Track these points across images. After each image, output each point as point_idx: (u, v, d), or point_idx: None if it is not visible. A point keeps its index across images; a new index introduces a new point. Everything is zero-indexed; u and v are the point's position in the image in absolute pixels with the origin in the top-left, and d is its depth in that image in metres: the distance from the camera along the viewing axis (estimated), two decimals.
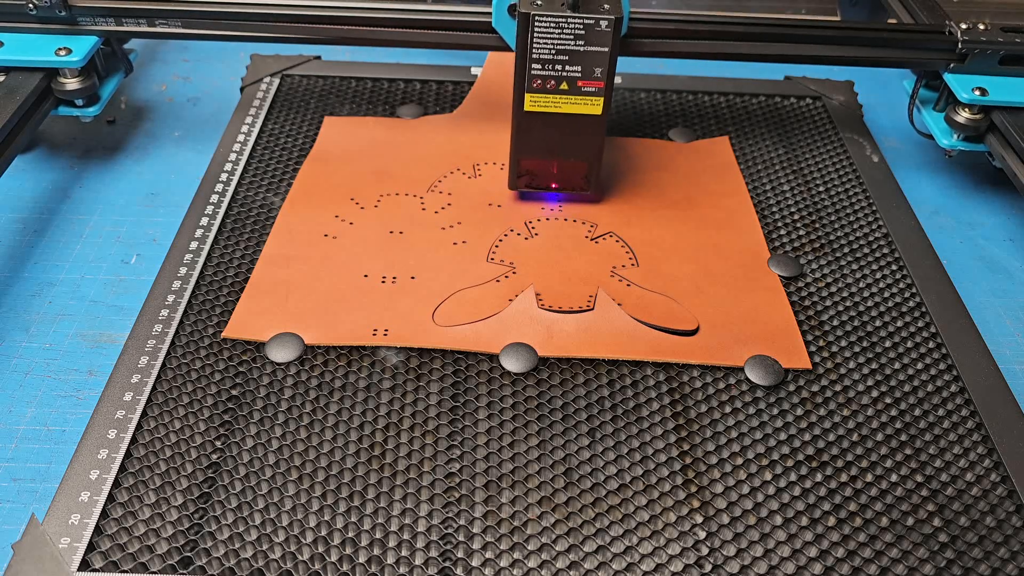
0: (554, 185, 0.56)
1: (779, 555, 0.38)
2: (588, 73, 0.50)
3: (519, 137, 0.53)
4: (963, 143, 0.61)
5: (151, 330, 0.47)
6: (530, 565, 0.38)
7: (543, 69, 0.50)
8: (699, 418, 0.44)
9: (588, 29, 0.49)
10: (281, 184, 0.58)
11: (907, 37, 0.60)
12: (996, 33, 0.59)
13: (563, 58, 0.50)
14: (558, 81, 0.50)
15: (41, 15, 0.58)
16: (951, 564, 0.38)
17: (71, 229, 0.58)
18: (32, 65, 0.58)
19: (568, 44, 0.49)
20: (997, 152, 0.58)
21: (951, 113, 0.60)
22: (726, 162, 0.63)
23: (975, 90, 0.58)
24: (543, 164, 0.55)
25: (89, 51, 0.58)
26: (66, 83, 0.59)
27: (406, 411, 0.44)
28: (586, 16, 0.48)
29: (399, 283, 0.51)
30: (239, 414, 0.43)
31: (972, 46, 0.59)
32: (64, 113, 0.61)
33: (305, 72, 0.69)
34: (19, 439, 0.44)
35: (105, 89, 0.62)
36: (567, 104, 0.52)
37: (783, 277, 0.53)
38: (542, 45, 0.49)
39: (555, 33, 0.49)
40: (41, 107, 0.58)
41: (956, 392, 0.46)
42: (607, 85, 0.51)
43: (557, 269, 0.52)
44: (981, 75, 0.60)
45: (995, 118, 0.59)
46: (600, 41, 0.49)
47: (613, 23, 0.49)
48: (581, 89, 0.51)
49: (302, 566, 0.37)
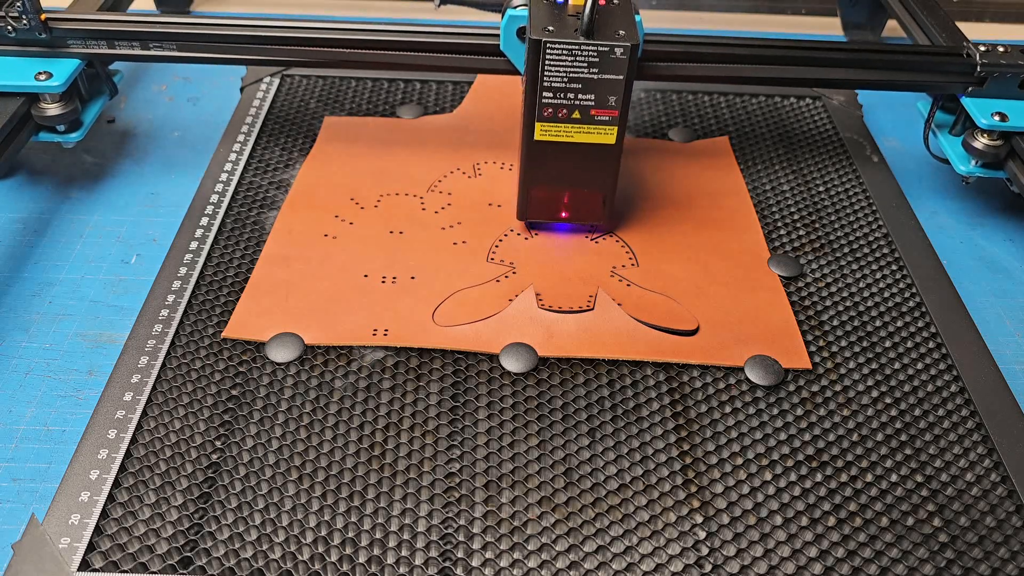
0: (564, 215, 0.54)
1: (779, 555, 0.38)
2: (602, 102, 0.48)
3: (529, 167, 0.51)
4: (981, 169, 0.58)
5: (151, 330, 0.47)
6: (530, 565, 0.38)
7: (555, 98, 0.48)
8: (699, 418, 0.44)
9: (603, 57, 0.46)
10: (281, 185, 0.58)
11: (924, 60, 0.58)
12: (1016, 56, 0.57)
13: (576, 86, 0.47)
14: (570, 110, 0.48)
15: (20, 37, 0.55)
16: (951, 564, 0.38)
17: (71, 229, 0.58)
18: (10, 90, 0.55)
19: (581, 72, 0.47)
20: (1017, 179, 0.56)
21: (969, 139, 0.58)
22: (726, 162, 0.63)
23: (994, 115, 0.56)
24: (554, 194, 0.52)
25: (71, 75, 0.55)
26: (47, 108, 0.55)
27: (406, 411, 0.44)
28: (600, 43, 0.46)
29: (399, 283, 0.51)
30: (239, 414, 0.43)
31: (991, 69, 0.57)
32: (45, 139, 0.57)
33: (305, 72, 0.69)
34: (19, 439, 0.44)
35: (88, 114, 0.59)
36: (579, 133, 0.49)
37: (783, 277, 0.53)
38: (554, 73, 0.47)
39: (568, 61, 0.46)
40: (20, 134, 0.55)
41: (956, 392, 0.46)
42: (622, 114, 0.48)
43: (557, 269, 0.52)
44: (1001, 99, 0.57)
45: (1015, 144, 0.56)
46: (615, 69, 0.47)
47: (629, 50, 0.46)
48: (594, 118, 0.48)
49: (302, 566, 0.37)
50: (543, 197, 0.53)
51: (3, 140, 0.53)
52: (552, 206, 0.53)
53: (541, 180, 0.52)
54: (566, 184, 0.52)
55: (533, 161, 0.50)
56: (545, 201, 0.53)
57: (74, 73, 0.56)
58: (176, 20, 0.57)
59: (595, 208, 0.53)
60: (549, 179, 0.52)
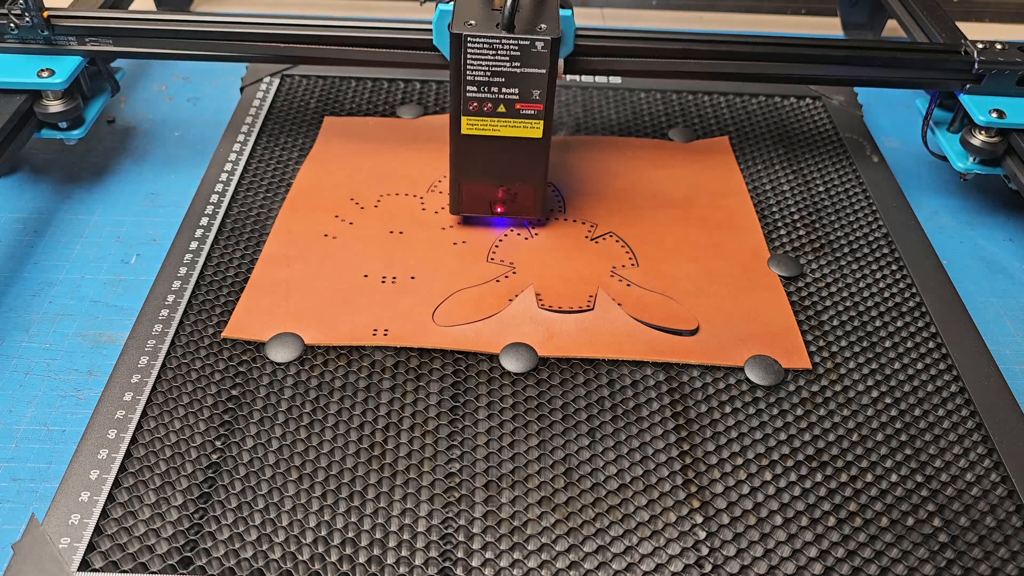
0: (499, 209, 0.54)
1: (779, 555, 0.38)
2: (526, 95, 0.48)
3: (457, 161, 0.51)
4: (979, 166, 0.59)
5: (151, 330, 0.47)
6: (530, 565, 0.38)
7: (479, 91, 0.48)
8: (699, 418, 0.44)
9: (524, 50, 0.46)
10: (281, 185, 0.58)
11: (921, 57, 0.58)
12: (1014, 53, 0.57)
13: (499, 80, 0.47)
14: (495, 104, 0.48)
15: (23, 35, 0.56)
16: (951, 564, 0.38)
17: (71, 229, 0.58)
18: (13, 87, 0.55)
19: (503, 66, 0.47)
20: (1015, 176, 0.56)
21: (967, 135, 0.58)
22: (726, 162, 0.63)
23: (992, 112, 0.56)
24: (488, 188, 0.53)
25: (72, 72, 0.56)
26: (49, 105, 0.56)
27: (406, 411, 0.44)
28: (521, 37, 0.46)
29: (399, 283, 0.51)
30: (239, 414, 0.43)
31: (989, 67, 0.57)
32: (47, 136, 0.58)
33: (305, 72, 0.69)
34: (19, 439, 0.44)
35: (90, 111, 0.59)
36: (506, 128, 0.49)
37: (783, 277, 0.53)
38: (476, 67, 0.47)
39: (489, 54, 0.46)
40: (23, 131, 0.55)
41: (956, 392, 0.46)
42: (547, 108, 0.48)
43: (557, 269, 0.52)
44: (999, 96, 0.58)
45: (1013, 141, 0.57)
46: (537, 63, 0.47)
47: (550, 44, 0.46)
48: (520, 112, 0.48)
49: (302, 566, 0.37)
50: (477, 191, 0.53)
51: (6, 137, 0.53)
52: (486, 200, 0.53)
53: (471, 174, 0.52)
54: (496, 179, 0.52)
55: (462, 155, 0.51)
56: (479, 195, 0.53)
57: (76, 70, 0.57)
58: (177, 17, 0.57)
59: (528, 203, 0.53)
60: (479, 173, 0.52)
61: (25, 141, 0.56)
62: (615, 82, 0.70)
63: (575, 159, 0.62)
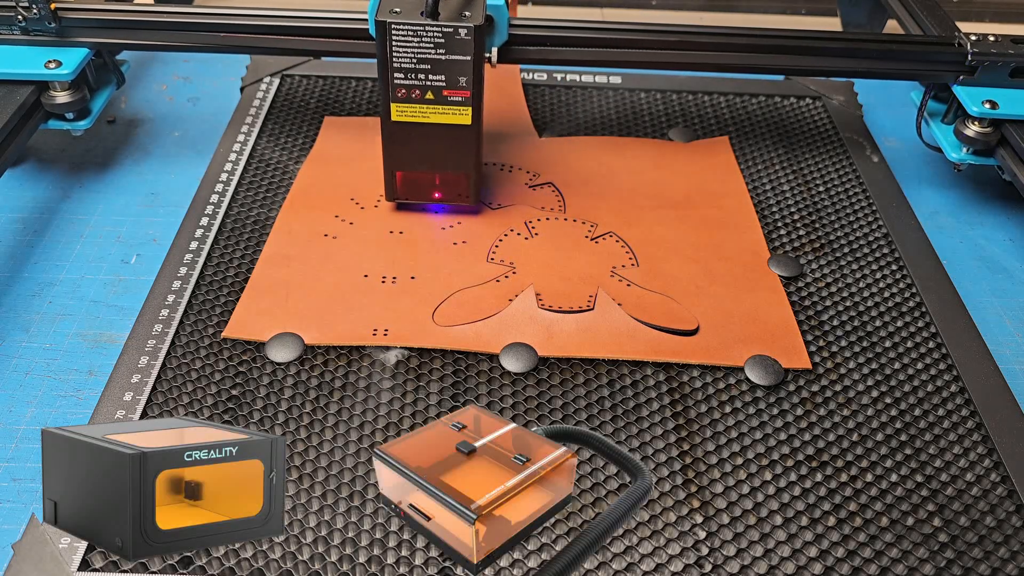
0: (438, 196, 0.55)
1: (779, 555, 0.38)
2: (453, 82, 0.49)
3: (390, 148, 0.52)
4: (972, 156, 0.59)
5: (151, 330, 0.47)
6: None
7: (406, 79, 0.48)
8: (699, 418, 0.44)
9: (448, 37, 0.47)
10: (281, 184, 0.58)
11: (915, 49, 0.59)
12: (1007, 45, 0.58)
13: (425, 67, 0.48)
14: (423, 90, 0.49)
15: (30, 27, 0.57)
16: (951, 564, 0.38)
17: (71, 229, 0.58)
18: (21, 78, 0.56)
19: (428, 53, 0.48)
20: (1008, 166, 0.57)
21: (960, 126, 0.59)
22: (726, 162, 0.63)
23: (985, 103, 0.57)
24: (423, 175, 0.53)
25: (80, 64, 0.57)
26: (56, 96, 0.57)
27: (406, 411, 0.44)
28: (444, 24, 0.47)
29: (399, 283, 0.51)
30: (239, 414, 0.43)
31: (982, 58, 0.58)
32: (54, 127, 0.59)
33: (305, 72, 0.69)
34: (19, 439, 0.44)
35: (96, 102, 0.60)
36: (435, 114, 0.50)
37: (783, 277, 0.53)
38: (402, 53, 0.48)
39: (414, 41, 0.47)
40: (30, 121, 0.56)
41: (956, 392, 0.46)
42: (474, 94, 0.49)
43: (557, 269, 0.52)
44: (991, 87, 0.58)
45: (1006, 132, 0.57)
46: (461, 50, 0.47)
47: (473, 31, 0.47)
48: (447, 99, 0.49)
49: (302, 566, 0.37)
50: (412, 179, 0.54)
51: (14, 127, 0.54)
52: (423, 187, 0.54)
53: (404, 161, 0.53)
54: (428, 165, 0.53)
55: (394, 143, 0.52)
56: (415, 182, 0.54)
57: (83, 62, 0.58)
58: (183, 10, 0.58)
59: (462, 189, 0.54)
60: (412, 160, 0.52)
61: (33, 131, 0.57)
62: (615, 82, 0.70)
63: (575, 159, 0.62)
